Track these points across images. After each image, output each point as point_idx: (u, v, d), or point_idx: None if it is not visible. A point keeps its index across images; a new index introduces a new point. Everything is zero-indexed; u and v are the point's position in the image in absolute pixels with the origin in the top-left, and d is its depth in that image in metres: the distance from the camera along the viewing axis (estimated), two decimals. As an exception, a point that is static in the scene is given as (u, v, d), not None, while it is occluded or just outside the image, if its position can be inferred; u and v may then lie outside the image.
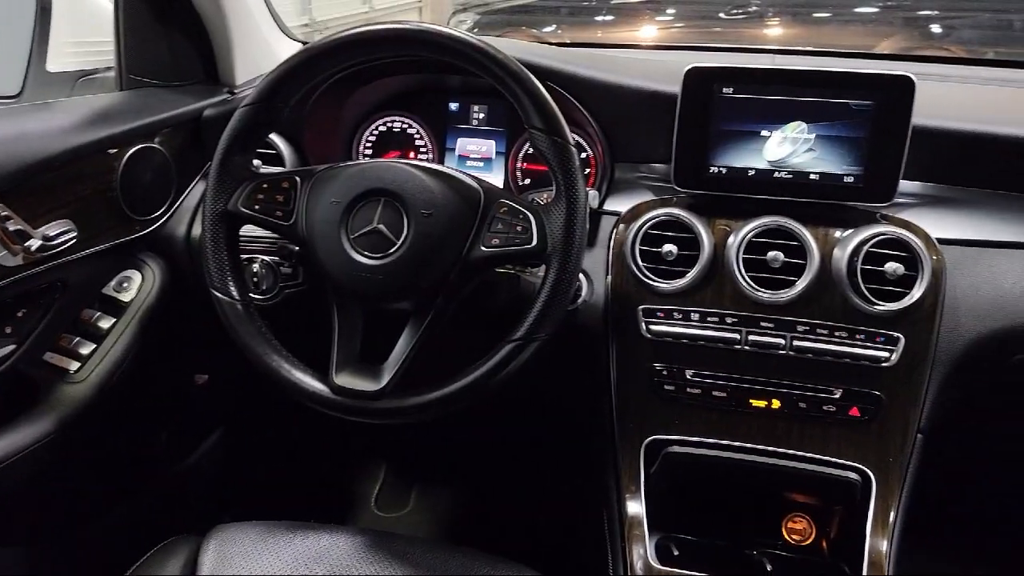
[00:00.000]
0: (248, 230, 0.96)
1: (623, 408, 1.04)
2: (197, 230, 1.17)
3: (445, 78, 1.19)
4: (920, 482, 0.98)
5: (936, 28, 3.30)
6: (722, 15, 3.55)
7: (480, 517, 1.72)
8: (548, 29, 3.01)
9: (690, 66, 0.98)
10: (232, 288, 0.91)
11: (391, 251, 0.86)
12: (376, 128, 1.24)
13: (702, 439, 1.01)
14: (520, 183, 1.19)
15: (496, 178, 1.20)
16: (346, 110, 1.20)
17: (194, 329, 1.23)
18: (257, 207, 0.91)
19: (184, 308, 1.19)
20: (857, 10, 3.55)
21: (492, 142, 1.19)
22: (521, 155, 1.18)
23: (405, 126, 1.23)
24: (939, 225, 1.01)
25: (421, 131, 1.22)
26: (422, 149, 1.22)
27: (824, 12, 3.46)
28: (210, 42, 1.27)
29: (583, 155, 1.14)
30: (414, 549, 0.93)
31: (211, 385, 1.51)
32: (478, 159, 1.20)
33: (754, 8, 3.38)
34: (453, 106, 1.21)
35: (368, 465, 1.80)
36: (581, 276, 1.05)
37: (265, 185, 0.91)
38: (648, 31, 2.99)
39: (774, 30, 3.20)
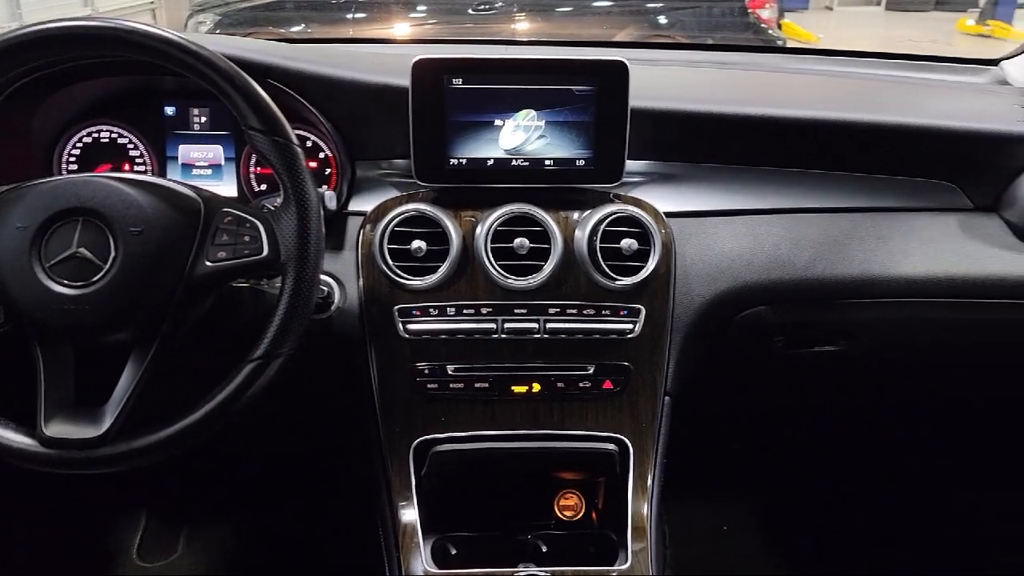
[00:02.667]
0: None
1: (388, 412, 1.01)
2: None
3: (158, 80, 1.08)
4: (673, 443, 1.05)
5: (662, 19, 3.59)
6: (470, 11, 3.62)
7: (259, 545, 1.62)
8: (296, 29, 2.89)
9: (417, 58, 0.96)
10: None
11: (97, 277, 0.76)
12: (80, 139, 1.09)
13: (469, 433, 1.01)
14: (256, 189, 1.11)
15: (228, 186, 1.11)
16: (39, 119, 1.05)
17: None
18: None
19: None
20: (594, 4, 3.77)
21: (219, 147, 1.10)
22: (253, 160, 1.10)
23: (115, 135, 1.10)
24: (666, 200, 1.08)
25: (135, 140, 1.10)
26: (138, 160, 1.10)
27: (565, 7, 3.64)
28: None
29: (320, 155, 1.08)
30: None
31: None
32: (205, 167, 1.11)
33: (500, 4, 3.47)
34: (169, 110, 1.10)
35: (124, 513, 1.62)
36: (332, 282, 1.01)
37: None
38: (399, 28, 2.97)
39: (520, 24, 3.31)
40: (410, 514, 0.99)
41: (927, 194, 1.15)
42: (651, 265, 0.99)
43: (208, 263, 0.80)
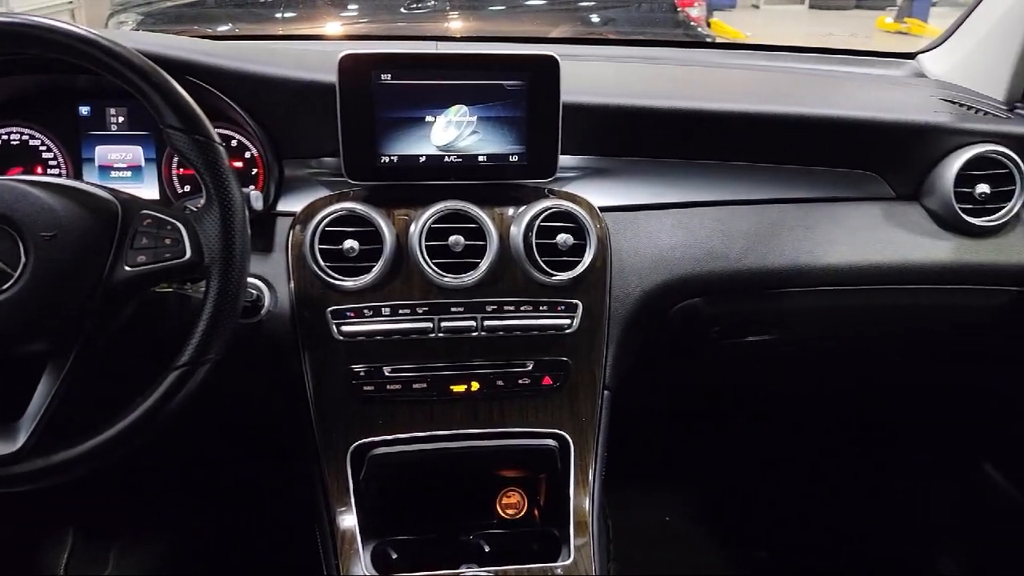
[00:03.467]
0: None
1: (323, 417, 0.99)
2: None
3: (72, 79, 1.03)
4: (614, 437, 1.05)
5: (595, 17, 3.62)
6: (402, 9, 3.59)
7: (194, 557, 1.57)
8: (223, 27, 2.81)
9: (343, 53, 0.94)
10: None
11: (7, 286, 0.72)
12: None
13: (407, 435, 0.99)
14: (179, 191, 1.07)
15: (150, 189, 1.06)
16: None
17: None
18: None
19: None
20: (528, 2, 3.78)
21: (139, 148, 1.06)
22: (175, 161, 1.06)
23: (27, 137, 1.04)
24: (601, 194, 1.08)
25: (48, 142, 1.05)
26: (51, 163, 1.05)
27: (498, 5, 3.64)
28: None
29: (247, 154, 1.05)
30: None
31: None
32: (124, 169, 1.06)
33: (432, 2, 3.45)
34: (84, 110, 1.05)
35: (49, 531, 1.55)
36: (261, 284, 0.98)
37: None
38: (331, 26, 2.92)
39: (454, 22, 3.30)
40: (348, 520, 0.97)
41: (852, 184, 1.18)
42: (587, 260, 0.99)
43: (127, 268, 0.76)
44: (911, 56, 1.50)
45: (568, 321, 1.00)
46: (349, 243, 0.95)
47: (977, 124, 1.16)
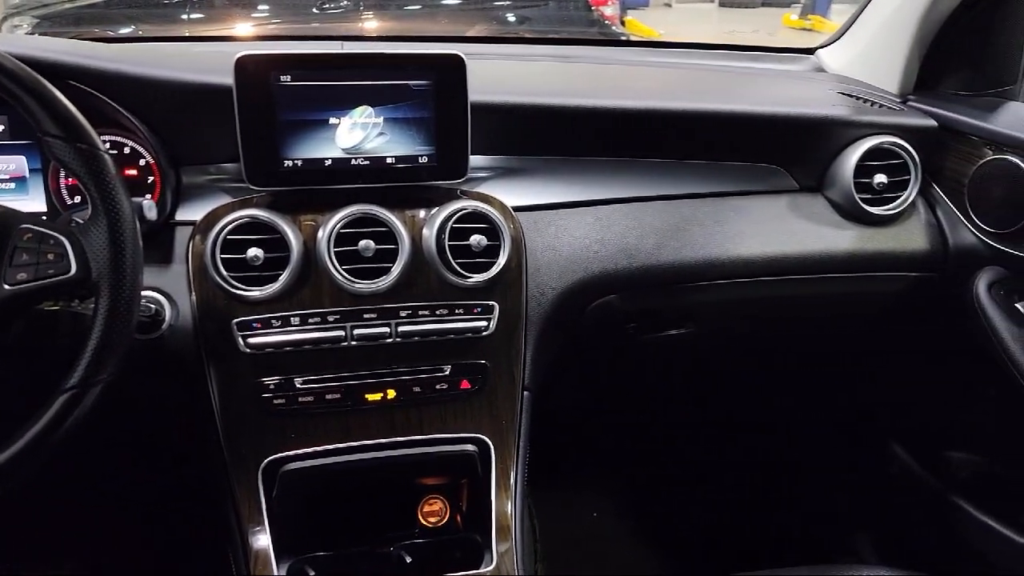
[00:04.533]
0: None
1: (232, 433, 0.95)
2: None
3: None
4: (536, 437, 1.04)
5: (510, 16, 3.63)
6: (315, 9, 3.52)
7: None
8: (125, 30, 2.68)
9: (240, 54, 0.90)
10: None
11: None
12: None
13: (322, 447, 0.96)
14: (68, 203, 1.01)
15: (36, 201, 1.00)
16: None
17: None
18: None
19: None
20: (443, 2, 3.76)
21: (22, 158, 0.99)
22: (63, 170, 1.00)
23: None
24: (514, 194, 1.07)
25: None
26: None
27: (414, 5, 3.61)
28: None
29: (141, 162, 1.00)
30: None
31: None
32: (7, 180, 0.99)
33: (346, 2, 3.40)
34: (-42, 119, 0.98)
35: None
36: (161, 298, 0.93)
37: None
38: (240, 27, 2.83)
39: (368, 22, 3.25)
40: (262, 539, 0.93)
41: (759, 178, 1.21)
42: (502, 261, 0.98)
43: (6, 286, 0.71)
44: (811, 51, 1.54)
45: (485, 323, 0.99)
46: (253, 251, 0.92)
47: (872, 117, 1.20)
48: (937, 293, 1.21)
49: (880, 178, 1.17)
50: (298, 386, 0.95)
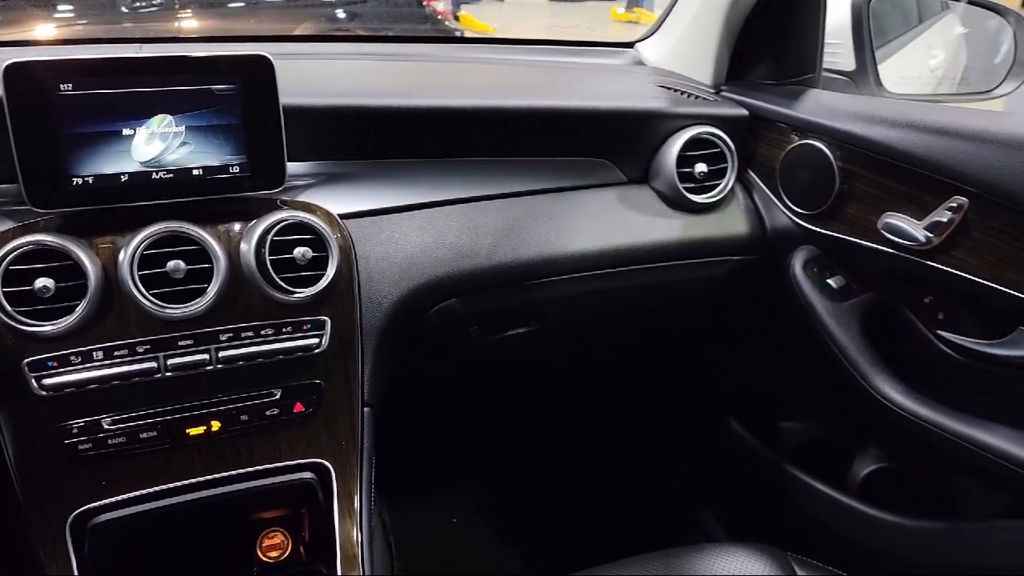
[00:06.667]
0: None
1: (31, 487, 0.84)
2: None
3: None
4: (380, 456, 1.00)
5: (340, 13, 3.53)
6: (124, 8, 3.28)
7: None
8: None
9: (8, 62, 0.80)
10: None
11: None
12: None
13: (138, 492, 0.87)
14: None
15: None
16: None
17: None
18: None
19: None
20: (268, -1, 3.60)
21: None
22: None
23: None
24: (340, 201, 1.02)
25: None
26: None
27: (237, 2, 3.44)
28: None
29: None
30: None
31: None
32: None
33: (159, 1, 3.20)
34: None
35: None
36: None
37: None
38: (41, 29, 2.58)
39: (187, 22, 3.07)
40: None
41: (589, 172, 1.22)
42: (330, 273, 0.93)
43: None
44: (631, 45, 1.58)
45: (316, 340, 0.93)
46: (42, 282, 0.81)
47: (689, 108, 1.24)
48: (760, 274, 1.28)
49: (700, 167, 1.21)
50: (107, 427, 0.86)
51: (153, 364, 0.86)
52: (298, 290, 0.91)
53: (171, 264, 0.85)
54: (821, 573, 0.98)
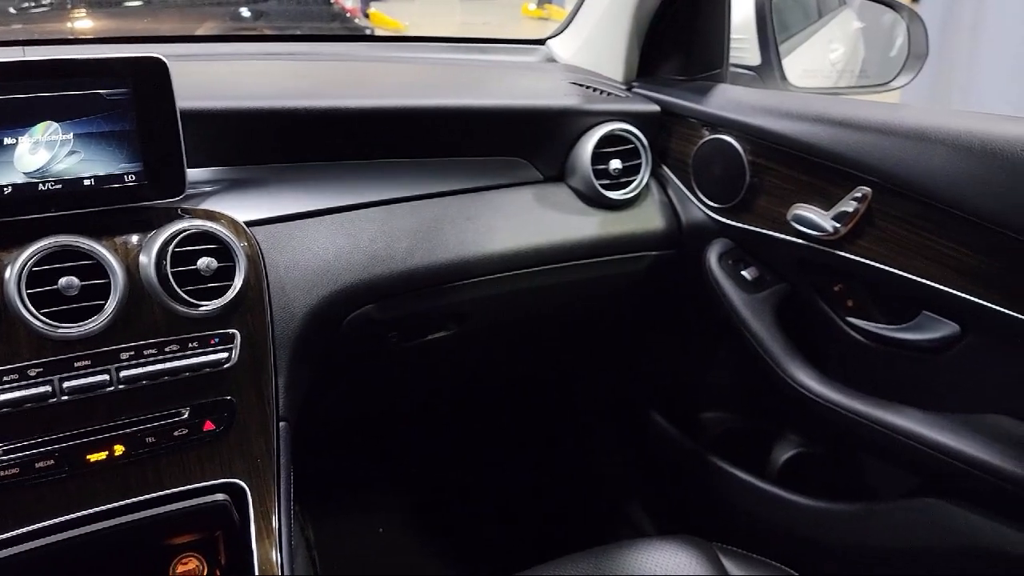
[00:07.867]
0: None
1: None
2: None
3: None
4: (299, 471, 0.96)
5: (245, 11, 3.43)
6: (12, 9, 3.14)
7: None
8: None
9: None
10: None
11: None
12: None
13: (35, 526, 0.81)
14: None
15: None
16: None
17: None
18: None
19: None
20: (169, -3, 3.48)
21: None
22: None
23: None
24: (247, 208, 0.98)
25: None
26: None
27: (135, 1, 3.31)
28: None
29: None
30: None
31: None
32: None
33: (49, 0, 3.07)
34: None
35: None
36: None
37: None
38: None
39: (82, 22, 2.94)
40: None
41: (505, 171, 1.21)
42: (238, 283, 0.89)
43: None
44: (542, 42, 1.58)
45: (225, 355, 0.89)
46: None
47: (601, 105, 1.24)
48: (678, 268, 1.29)
49: (615, 163, 1.22)
50: None
51: (47, 388, 0.80)
52: (204, 303, 0.87)
53: (63, 281, 0.80)
54: (745, 562, 1.00)
